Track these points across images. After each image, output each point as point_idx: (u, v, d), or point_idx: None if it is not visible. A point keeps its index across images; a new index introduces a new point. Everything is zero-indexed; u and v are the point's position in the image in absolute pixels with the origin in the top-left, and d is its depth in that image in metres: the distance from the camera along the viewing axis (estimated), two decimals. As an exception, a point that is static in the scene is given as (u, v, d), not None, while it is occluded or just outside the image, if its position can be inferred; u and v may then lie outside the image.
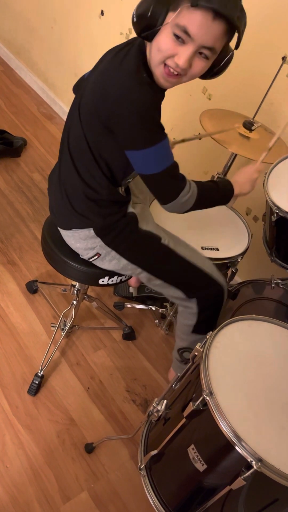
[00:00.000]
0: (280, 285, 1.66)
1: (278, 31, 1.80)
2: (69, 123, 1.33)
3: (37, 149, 2.93)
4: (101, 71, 1.20)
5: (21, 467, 1.53)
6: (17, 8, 3.33)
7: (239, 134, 1.70)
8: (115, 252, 1.41)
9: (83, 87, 1.28)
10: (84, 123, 1.25)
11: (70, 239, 1.44)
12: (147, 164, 1.22)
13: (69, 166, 1.34)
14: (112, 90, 1.14)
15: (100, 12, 2.63)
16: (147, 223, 1.44)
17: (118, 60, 1.16)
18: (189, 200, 1.32)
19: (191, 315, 1.54)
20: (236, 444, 0.94)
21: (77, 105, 1.28)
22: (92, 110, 1.21)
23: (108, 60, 1.20)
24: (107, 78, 1.16)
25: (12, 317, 1.95)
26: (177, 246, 1.45)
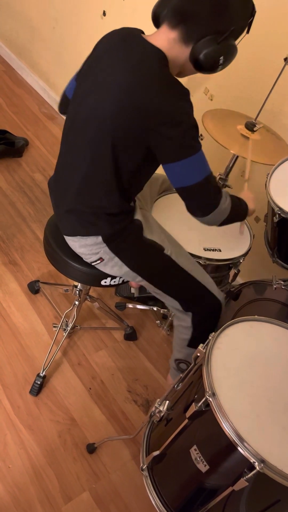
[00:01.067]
0: (282, 286, 1.66)
1: (280, 32, 1.80)
2: (78, 139, 1.28)
3: (38, 149, 2.94)
4: (124, 88, 1.14)
5: (23, 467, 1.53)
6: (18, 8, 3.33)
7: (241, 135, 1.70)
8: (118, 258, 1.40)
9: (85, 101, 1.24)
10: (113, 141, 1.19)
11: (75, 244, 1.43)
12: (190, 174, 1.21)
13: (77, 182, 1.31)
14: (153, 106, 1.12)
15: (102, 12, 2.63)
16: (151, 232, 1.43)
17: (142, 69, 1.13)
18: (227, 207, 1.31)
19: (186, 329, 1.55)
20: (239, 445, 0.94)
21: (89, 121, 1.22)
22: (124, 128, 1.17)
23: (126, 71, 1.14)
24: (140, 94, 1.12)
25: (14, 317, 1.95)
26: (179, 258, 1.45)
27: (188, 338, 1.56)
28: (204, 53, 1.14)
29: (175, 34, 1.15)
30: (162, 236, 1.46)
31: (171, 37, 1.16)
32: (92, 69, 1.25)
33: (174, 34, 1.16)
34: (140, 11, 2.40)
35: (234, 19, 1.14)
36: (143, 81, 1.12)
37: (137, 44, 1.17)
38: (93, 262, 1.44)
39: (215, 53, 1.14)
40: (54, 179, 1.45)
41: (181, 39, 1.16)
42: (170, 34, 1.16)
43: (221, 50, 1.14)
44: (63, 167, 1.38)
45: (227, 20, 1.13)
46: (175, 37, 1.16)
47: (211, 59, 1.15)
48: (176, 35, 1.15)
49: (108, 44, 1.23)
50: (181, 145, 1.17)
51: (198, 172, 1.21)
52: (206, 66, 1.17)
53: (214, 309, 1.52)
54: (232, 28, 1.14)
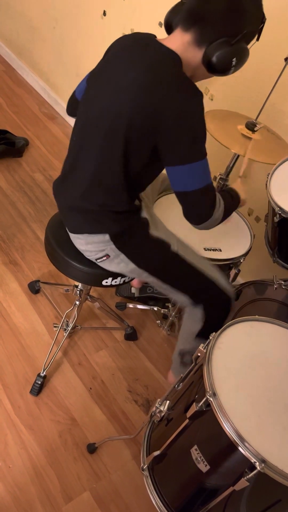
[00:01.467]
0: (282, 286, 1.66)
1: (281, 32, 1.80)
2: (90, 138, 1.28)
3: (38, 149, 2.94)
4: (142, 86, 1.15)
5: (23, 467, 1.53)
6: (19, 8, 3.33)
7: (242, 135, 1.70)
8: (124, 255, 1.40)
9: (98, 102, 1.24)
10: (125, 140, 1.20)
11: (81, 241, 1.43)
12: (193, 179, 1.21)
13: (87, 179, 1.32)
14: (167, 107, 1.13)
15: (102, 12, 2.63)
16: (157, 229, 1.44)
17: (158, 69, 1.15)
18: (220, 215, 1.32)
19: (197, 321, 1.54)
20: (239, 445, 0.94)
21: (102, 121, 1.23)
22: (138, 128, 1.18)
23: (142, 71, 1.15)
24: (156, 94, 1.13)
25: (14, 317, 1.95)
26: (186, 253, 1.45)
27: (198, 329, 1.56)
28: (217, 55, 1.15)
29: (189, 37, 1.17)
30: (168, 233, 1.47)
31: (185, 39, 1.17)
32: (105, 70, 1.26)
33: (188, 37, 1.17)
34: (140, 11, 2.40)
35: (247, 23, 1.16)
36: (160, 81, 1.14)
37: (152, 46, 1.19)
38: (98, 259, 1.44)
39: (228, 55, 1.15)
40: (61, 178, 1.45)
41: (195, 41, 1.17)
42: (184, 37, 1.17)
43: (234, 52, 1.15)
44: (72, 166, 1.38)
45: (240, 23, 1.15)
46: (189, 39, 1.17)
47: (224, 61, 1.16)
48: (190, 38, 1.17)
49: (122, 47, 1.25)
50: (189, 149, 1.18)
51: (200, 179, 1.22)
52: (218, 68, 1.18)
53: (224, 301, 1.51)
54: (244, 31, 1.15)
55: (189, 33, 1.16)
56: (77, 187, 1.36)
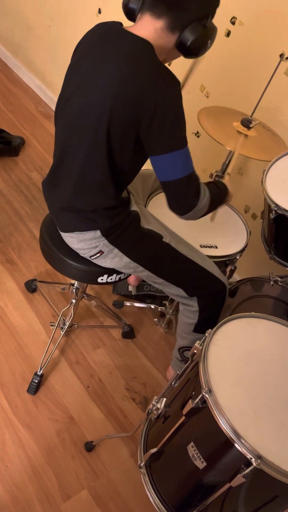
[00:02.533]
0: (279, 283, 1.66)
1: (275, 29, 1.80)
2: (70, 136, 1.28)
3: (35, 148, 2.93)
4: (119, 78, 1.14)
5: (21, 466, 1.53)
6: (14, 6, 3.32)
7: (237, 131, 1.69)
8: (117, 250, 1.40)
9: (76, 97, 1.23)
10: (107, 135, 1.19)
11: (73, 240, 1.43)
12: (176, 168, 1.21)
13: (73, 179, 1.31)
14: (145, 97, 1.12)
15: (97, 10, 2.62)
16: (148, 222, 1.44)
17: (133, 60, 1.14)
18: (205, 205, 1.32)
19: (192, 314, 1.54)
20: (236, 441, 0.94)
21: (82, 117, 1.22)
22: (118, 120, 1.17)
23: (117, 63, 1.14)
24: (133, 85, 1.13)
25: (11, 316, 1.95)
26: (178, 245, 1.45)
27: (194, 322, 1.56)
28: (194, 39, 1.16)
29: (161, 23, 1.16)
30: (159, 226, 1.47)
31: (157, 26, 1.16)
32: (78, 68, 1.25)
33: (160, 23, 1.16)
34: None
35: (212, 3, 1.18)
36: (137, 71, 1.13)
37: (123, 37, 1.17)
38: (92, 256, 1.44)
39: (204, 37, 1.17)
40: (49, 178, 1.44)
41: (168, 27, 1.16)
42: (156, 24, 1.16)
43: (208, 34, 1.18)
44: (57, 165, 1.37)
45: (209, 5, 1.18)
46: (161, 26, 1.16)
47: (201, 43, 1.18)
48: (163, 24, 1.16)
49: (90, 42, 1.23)
50: (169, 137, 1.17)
51: (182, 167, 1.22)
52: (195, 50, 1.19)
53: (218, 291, 1.51)
54: (212, 12, 1.18)
55: (161, 20, 1.15)
56: (65, 186, 1.35)
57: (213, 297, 1.53)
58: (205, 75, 2.12)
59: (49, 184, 1.44)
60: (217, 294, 1.53)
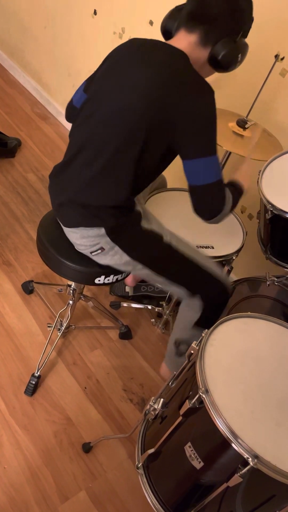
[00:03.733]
0: (275, 283, 1.67)
1: (271, 29, 1.80)
2: (103, 132, 1.29)
3: (31, 150, 2.93)
4: (156, 83, 1.19)
5: (19, 467, 1.53)
6: (10, 8, 3.32)
7: (233, 132, 1.70)
8: (118, 247, 1.41)
9: (108, 100, 1.27)
10: (145, 139, 1.23)
11: (76, 235, 1.43)
12: (207, 173, 1.25)
13: (93, 171, 1.33)
14: (183, 103, 1.18)
15: (93, 11, 2.63)
16: (149, 222, 1.45)
17: (172, 67, 1.20)
18: (229, 208, 1.34)
19: (195, 310, 1.55)
20: (232, 441, 0.95)
21: (112, 121, 1.26)
22: (155, 124, 1.21)
23: (154, 69, 1.20)
24: (172, 91, 1.18)
25: (8, 317, 1.95)
26: (179, 245, 1.46)
27: (196, 318, 1.56)
28: (224, 53, 1.23)
29: (195, 37, 1.23)
30: (160, 226, 1.48)
31: (191, 40, 1.23)
32: (111, 74, 1.29)
33: (193, 37, 1.23)
34: (130, 9, 2.40)
35: (244, 21, 1.25)
36: (174, 77, 1.19)
37: (160, 47, 1.24)
38: (92, 252, 1.44)
39: (234, 52, 1.24)
40: (58, 171, 1.44)
41: (201, 41, 1.23)
42: (190, 38, 1.23)
43: (238, 49, 1.24)
44: (72, 161, 1.38)
45: (240, 21, 1.24)
46: (195, 40, 1.23)
47: (231, 58, 1.24)
48: (196, 38, 1.23)
49: (126, 51, 1.29)
50: (204, 143, 1.22)
51: (214, 172, 1.26)
52: (225, 64, 1.26)
53: (220, 289, 1.52)
54: (244, 29, 1.25)
55: (194, 34, 1.22)
56: (77, 181, 1.36)
57: (215, 296, 1.53)
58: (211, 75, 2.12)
59: (57, 175, 1.44)
60: (218, 293, 1.53)
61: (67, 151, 1.41)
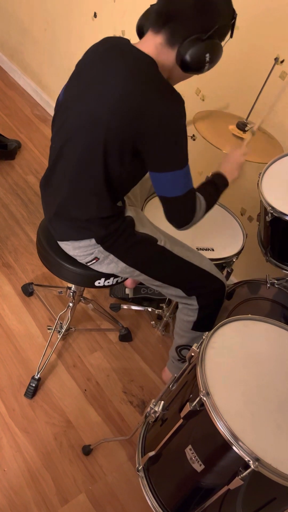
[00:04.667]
0: (275, 285, 1.67)
1: (270, 32, 1.80)
2: (68, 146, 1.27)
3: (31, 152, 2.93)
4: (122, 94, 1.13)
5: (19, 470, 1.52)
6: (10, 10, 3.33)
7: (233, 135, 1.70)
8: (113, 256, 1.41)
9: (76, 107, 1.23)
10: (105, 147, 1.19)
11: (68, 247, 1.44)
12: (174, 186, 1.22)
13: (66, 188, 1.31)
14: (149, 113, 1.12)
15: (93, 14, 2.63)
16: (143, 226, 1.44)
17: (137, 75, 1.13)
18: (201, 216, 1.33)
19: (192, 312, 1.54)
20: (233, 444, 0.94)
21: (79, 128, 1.22)
22: (118, 134, 1.16)
23: (120, 77, 1.14)
24: (136, 100, 1.12)
25: (8, 320, 1.94)
26: (174, 247, 1.46)
27: (193, 320, 1.56)
28: (189, 52, 1.13)
29: (161, 38, 1.15)
30: (154, 229, 1.47)
31: (157, 42, 1.16)
32: (81, 78, 1.25)
33: (159, 39, 1.15)
34: (130, 12, 2.40)
35: (217, 18, 1.13)
36: (141, 87, 1.12)
37: (128, 51, 1.17)
38: (88, 262, 1.44)
39: (201, 51, 1.13)
40: (44, 182, 1.44)
41: (167, 42, 1.15)
42: (156, 39, 1.16)
43: (206, 48, 1.13)
44: (51, 172, 1.37)
45: (210, 18, 1.12)
46: (161, 41, 1.15)
47: (197, 57, 1.13)
48: (162, 39, 1.15)
49: (96, 54, 1.23)
50: (172, 156, 1.17)
51: (182, 185, 1.23)
52: (193, 65, 1.15)
53: (217, 289, 1.52)
54: (216, 26, 1.12)
55: (160, 35, 1.15)
56: (59, 193, 1.35)
57: (211, 295, 1.53)
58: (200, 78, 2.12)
59: (45, 187, 1.44)
60: (215, 292, 1.53)
61: (49, 160, 1.39)
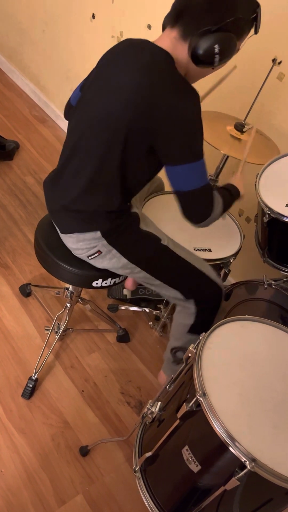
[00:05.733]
0: (272, 286, 1.67)
1: (268, 33, 1.81)
2: (84, 142, 1.29)
3: (29, 152, 2.93)
4: (138, 87, 1.15)
5: (16, 471, 1.52)
6: (8, 11, 3.33)
7: (231, 135, 1.70)
8: (116, 250, 1.41)
9: (94, 105, 1.25)
10: (124, 143, 1.20)
11: (72, 239, 1.43)
12: (190, 179, 1.22)
13: (80, 182, 1.32)
14: (165, 106, 1.13)
15: (91, 15, 2.63)
16: (147, 225, 1.45)
17: (152, 70, 1.15)
18: (218, 214, 1.33)
19: (189, 315, 1.54)
20: (230, 444, 0.94)
21: (97, 124, 1.24)
22: (135, 129, 1.18)
23: (136, 72, 1.16)
24: (153, 94, 1.13)
25: (6, 320, 1.94)
26: (176, 248, 1.46)
27: (190, 323, 1.56)
28: (198, 43, 1.12)
29: (176, 32, 1.16)
30: (158, 229, 1.48)
31: (172, 35, 1.17)
32: (101, 75, 1.27)
33: (174, 33, 1.17)
34: (128, 13, 2.40)
35: (232, 11, 1.12)
36: (156, 81, 1.14)
37: (145, 48, 1.19)
38: (90, 256, 1.44)
39: (209, 41, 1.11)
40: (52, 177, 1.44)
41: (181, 35, 1.16)
42: (172, 34, 1.17)
43: (215, 39, 1.11)
44: (65, 168, 1.38)
45: (224, 11, 1.11)
46: (175, 35, 1.17)
47: (205, 48, 1.12)
48: (176, 33, 1.16)
49: (115, 52, 1.26)
50: (188, 148, 1.18)
51: (198, 178, 1.23)
52: (202, 57, 1.14)
53: (215, 294, 1.52)
54: (229, 19, 1.11)
55: (175, 29, 1.16)
56: (70, 185, 1.36)
57: (209, 300, 1.53)
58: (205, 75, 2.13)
59: (52, 183, 1.44)
60: (213, 296, 1.53)
61: (61, 157, 1.40)
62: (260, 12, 1.19)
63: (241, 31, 1.17)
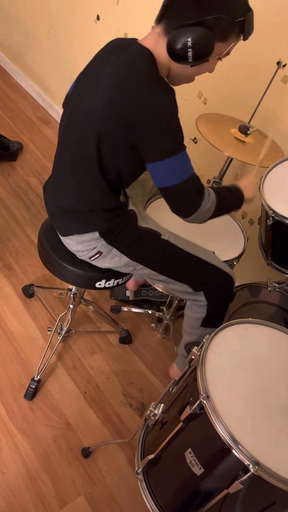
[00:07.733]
0: (276, 289, 1.67)
1: (273, 36, 1.81)
2: (69, 137, 1.31)
3: (33, 153, 2.94)
4: (114, 84, 1.16)
5: (18, 472, 1.52)
6: (13, 12, 3.34)
7: (235, 138, 1.70)
8: (116, 249, 1.41)
9: (79, 101, 1.27)
10: (98, 137, 1.21)
11: (72, 242, 1.44)
12: (172, 174, 1.21)
13: (70, 180, 1.33)
14: (138, 102, 1.13)
15: (96, 17, 2.64)
16: (145, 221, 1.45)
17: (129, 67, 1.15)
18: (210, 208, 1.31)
19: (200, 308, 1.53)
20: (233, 447, 0.94)
21: (79, 119, 1.25)
22: (110, 124, 1.18)
23: (115, 70, 1.17)
24: (127, 91, 1.14)
25: (9, 321, 1.94)
26: (178, 241, 1.45)
27: (202, 316, 1.54)
28: (171, 37, 1.11)
29: (159, 28, 1.17)
30: (157, 224, 1.48)
31: (156, 32, 1.17)
32: (88, 72, 1.29)
33: (159, 29, 1.17)
34: (133, 15, 2.41)
35: (215, 9, 1.09)
36: (131, 78, 1.14)
37: (129, 46, 1.20)
38: (91, 257, 1.44)
39: (182, 35, 1.09)
40: (51, 180, 1.46)
41: (163, 31, 1.15)
42: (156, 30, 1.18)
43: (189, 33, 1.09)
44: (58, 168, 1.39)
45: (207, 7, 1.09)
46: (159, 31, 1.17)
47: (178, 41, 1.10)
48: (160, 29, 1.16)
49: (104, 50, 1.28)
50: (164, 143, 1.18)
51: (179, 173, 1.22)
52: (175, 50, 1.12)
53: (225, 283, 1.51)
54: (209, 17, 1.09)
55: (160, 25, 1.16)
56: (63, 189, 1.37)
57: (220, 289, 1.52)
58: (202, 82, 2.13)
59: (49, 186, 1.46)
60: (223, 286, 1.51)
61: (55, 156, 1.41)
62: (251, 18, 1.16)
63: (222, 31, 1.13)
